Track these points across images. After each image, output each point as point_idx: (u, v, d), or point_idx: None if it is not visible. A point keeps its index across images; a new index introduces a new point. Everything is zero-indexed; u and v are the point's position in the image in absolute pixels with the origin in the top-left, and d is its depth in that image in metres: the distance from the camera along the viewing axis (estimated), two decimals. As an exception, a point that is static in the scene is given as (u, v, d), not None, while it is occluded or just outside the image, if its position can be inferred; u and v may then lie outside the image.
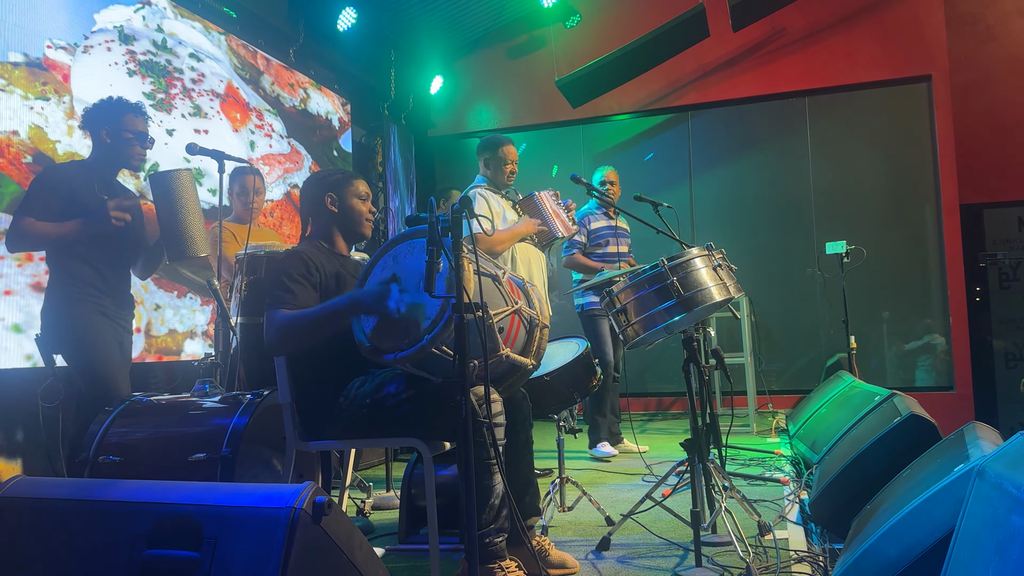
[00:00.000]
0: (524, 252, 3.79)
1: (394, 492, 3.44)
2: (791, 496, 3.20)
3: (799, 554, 2.39)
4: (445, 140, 7.76)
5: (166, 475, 2.22)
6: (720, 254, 2.54)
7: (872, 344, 6.65)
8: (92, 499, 1.50)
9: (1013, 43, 6.71)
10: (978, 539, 1.40)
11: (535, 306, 2.27)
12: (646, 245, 5.26)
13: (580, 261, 4.60)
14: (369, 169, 6.70)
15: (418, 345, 2.02)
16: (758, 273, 6.72)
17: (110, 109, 2.89)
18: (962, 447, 1.98)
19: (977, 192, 6.61)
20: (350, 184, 2.47)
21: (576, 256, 4.61)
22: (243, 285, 3.04)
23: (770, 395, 6.27)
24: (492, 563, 2.05)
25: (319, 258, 2.35)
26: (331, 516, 1.42)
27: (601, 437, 4.51)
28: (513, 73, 7.48)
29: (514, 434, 2.32)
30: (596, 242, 4.66)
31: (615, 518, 2.81)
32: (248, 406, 2.46)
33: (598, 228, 4.68)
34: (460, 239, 1.88)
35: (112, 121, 2.88)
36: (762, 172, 7.00)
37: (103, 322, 2.80)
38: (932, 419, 2.68)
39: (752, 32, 6.66)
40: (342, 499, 2.95)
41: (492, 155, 3.86)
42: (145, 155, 2.99)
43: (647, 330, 2.43)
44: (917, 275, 6.63)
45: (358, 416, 2.23)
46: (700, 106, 7.12)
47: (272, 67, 5.43)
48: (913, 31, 6.53)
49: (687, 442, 2.49)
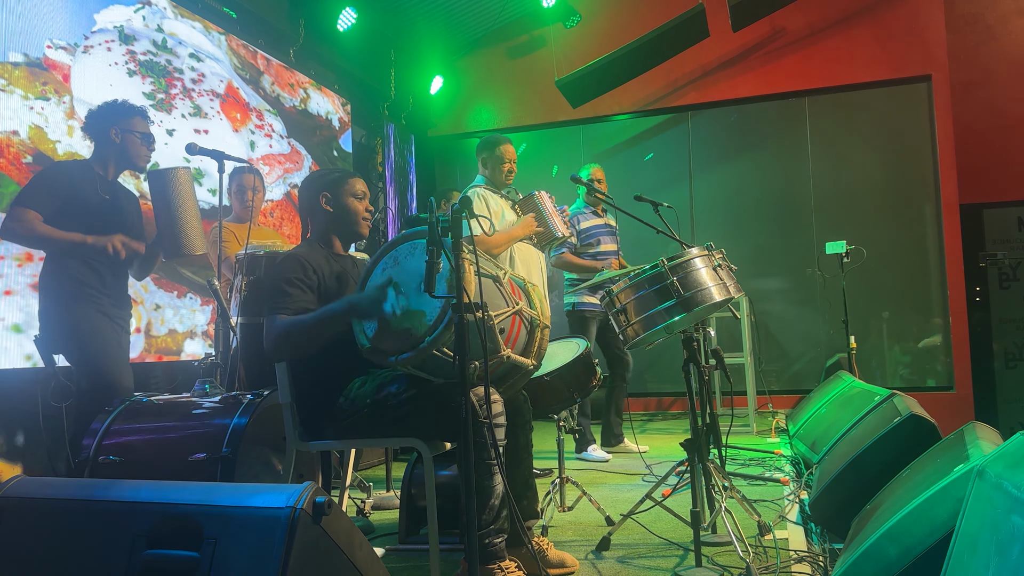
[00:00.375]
0: (524, 252, 3.80)
1: (394, 492, 3.44)
2: (791, 496, 3.20)
3: (799, 554, 2.39)
4: (445, 140, 7.76)
5: (166, 475, 2.23)
6: (720, 254, 2.54)
7: (872, 344, 6.65)
8: (92, 499, 1.50)
9: (1013, 43, 6.72)
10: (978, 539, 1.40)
11: (536, 306, 2.27)
12: (646, 245, 5.26)
13: (570, 260, 4.61)
14: (369, 169, 6.70)
15: (419, 347, 2.02)
16: (758, 273, 6.72)
17: (120, 110, 2.92)
18: (962, 447, 1.98)
19: (977, 192, 6.61)
20: (345, 183, 2.45)
21: (566, 255, 4.61)
22: (243, 285, 3.04)
23: (770, 395, 6.27)
24: (492, 563, 2.05)
25: (317, 260, 2.34)
26: (331, 516, 1.42)
27: (591, 440, 4.51)
28: (513, 73, 7.48)
29: (514, 437, 2.32)
30: (588, 241, 4.66)
31: (615, 518, 2.81)
32: (248, 406, 2.46)
33: (589, 227, 4.68)
34: (460, 239, 1.88)
35: (122, 122, 2.90)
36: (762, 172, 7.00)
37: (102, 321, 2.80)
38: (932, 419, 2.68)
39: (752, 32, 6.66)
40: (342, 499, 2.95)
41: (490, 154, 3.87)
42: (150, 156, 3.01)
43: (647, 330, 2.43)
44: (917, 275, 6.63)
45: (358, 416, 2.23)
46: (700, 106, 7.12)
47: (272, 67, 5.43)
48: (913, 31, 6.54)
49: (687, 442, 2.49)
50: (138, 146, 2.93)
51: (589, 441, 4.49)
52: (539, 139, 7.57)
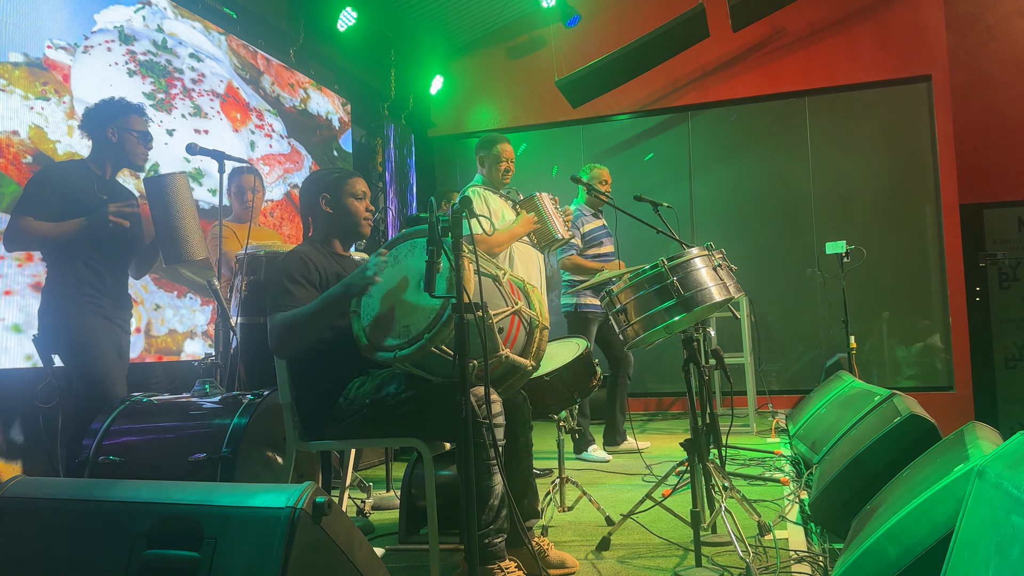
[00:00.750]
0: (524, 253, 3.80)
1: (394, 492, 3.44)
2: (791, 496, 3.20)
3: (799, 554, 2.39)
4: (445, 140, 7.76)
5: (166, 475, 2.23)
6: (720, 254, 2.54)
7: (872, 344, 6.65)
8: (92, 499, 1.50)
9: (1013, 43, 6.72)
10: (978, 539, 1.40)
11: (535, 307, 2.27)
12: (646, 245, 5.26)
13: (579, 263, 4.61)
14: (369, 169, 6.70)
15: (417, 344, 2.02)
16: (758, 273, 6.72)
17: (116, 108, 2.90)
18: (962, 447, 1.98)
19: (977, 192, 6.62)
20: (345, 183, 2.45)
21: (574, 257, 4.61)
22: (243, 285, 3.04)
23: (770, 395, 6.27)
24: (491, 564, 2.05)
25: (319, 258, 2.35)
26: (331, 516, 1.42)
27: (591, 440, 4.51)
28: (513, 73, 7.48)
29: (513, 437, 2.32)
30: (591, 244, 4.66)
31: (615, 518, 2.81)
32: (248, 406, 2.46)
33: (592, 229, 4.69)
34: (460, 239, 1.88)
35: (119, 120, 2.89)
36: (762, 172, 7.00)
37: (101, 323, 2.80)
38: (932, 419, 2.68)
39: (752, 32, 6.66)
40: (342, 499, 2.95)
41: (488, 153, 3.87)
42: (148, 155, 3.00)
43: (647, 330, 2.43)
44: (917, 275, 6.63)
45: (358, 416, 2.23)
46: (700, 106, 7.12)
47: (272, 67, 5.43)
48: (913, 31, 6.54)
49: (687, 442, 2.49)
50: (135, 144, 2.92)
51: (589, 442, 4.48)
52: (539, 139, 7.57)
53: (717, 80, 6.98)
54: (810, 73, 6.75)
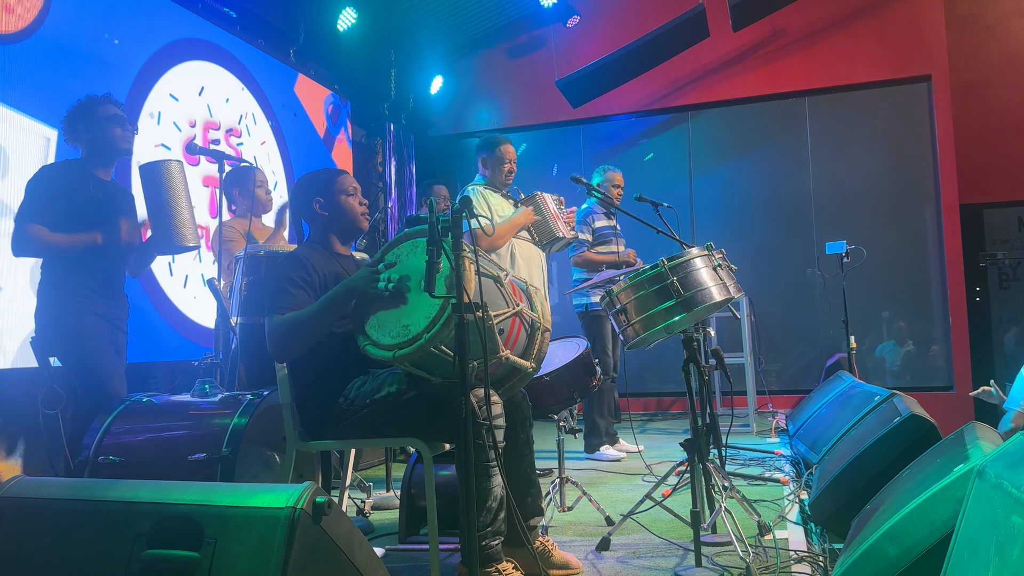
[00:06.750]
0: (526, 251, 3.79)
1: (394, 492, 3.44)
2: (791, 496, 3.20)
3: (799, 554, 2.39)
4: (445, 140, 7.75)
5: (166, 475, 2.22)
6: (720, 254, 2.54)
7: (872, 344, 6.65)
8: (92, 499, 1.50)
9: (1013, 43, 6.72)
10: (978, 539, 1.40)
11: (537, 309, 2.27)
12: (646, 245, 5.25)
13: (591, 257, 4.59)
14: (369, 169, 6.70)
15: (417, 343, 2.02)
16: (758, 273, 6.72)
17: (84, 106, 2.85)
18: (962, 447, 1.98)
19: (977, 192, 6.62)
20: (335, 183, 2.43)
21: (586, 253, 4.60)
22: (243, 285, 3.04)
23: (770, 395, 6.27)
24: (488, 567, 2.04)
25: (318, 260, 2.34)
26: (331, 516, 1.42)
27: (603, 440, 4.50)
28: (513, 73, 7.48)
29: (514, 434, 2.32)
30: (600, 242, 4.66)
31: (615, 518, 2.81)
32: (248, 406, 2.46)
33: (601, 227, 4.68)
34: (460, 239, 1.88)
35: (89, 115, 2.84)
36: (762, 172, 7.00)
37: (98, 323, 2.78)
38: (932, 419, 2.68)
39: (752, 32, 6.66)
40: (342, 499, 2.95)
41: (490, 154, 3.86)
42: (131, 137, 2.93)
43: (647, 330, 2.43)
44: (917, 275, 6.63)
45: (358, 416, 2.23)
46: (700, 106, 7.12)
47: (272, 67, 5.43)
48: (913, 31, 6.53)
49: (687, 442, 2.49)
50: (112, 130, 2.85)
51: (601, 442, 4.48)
52: (539, 139, 7.57)
53: (717, 80, 6.98)
54: (810, 73, 6.75)
